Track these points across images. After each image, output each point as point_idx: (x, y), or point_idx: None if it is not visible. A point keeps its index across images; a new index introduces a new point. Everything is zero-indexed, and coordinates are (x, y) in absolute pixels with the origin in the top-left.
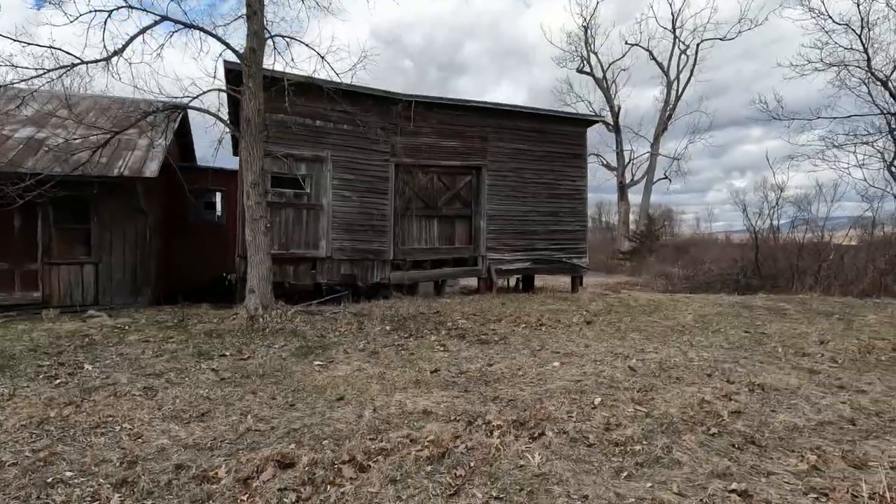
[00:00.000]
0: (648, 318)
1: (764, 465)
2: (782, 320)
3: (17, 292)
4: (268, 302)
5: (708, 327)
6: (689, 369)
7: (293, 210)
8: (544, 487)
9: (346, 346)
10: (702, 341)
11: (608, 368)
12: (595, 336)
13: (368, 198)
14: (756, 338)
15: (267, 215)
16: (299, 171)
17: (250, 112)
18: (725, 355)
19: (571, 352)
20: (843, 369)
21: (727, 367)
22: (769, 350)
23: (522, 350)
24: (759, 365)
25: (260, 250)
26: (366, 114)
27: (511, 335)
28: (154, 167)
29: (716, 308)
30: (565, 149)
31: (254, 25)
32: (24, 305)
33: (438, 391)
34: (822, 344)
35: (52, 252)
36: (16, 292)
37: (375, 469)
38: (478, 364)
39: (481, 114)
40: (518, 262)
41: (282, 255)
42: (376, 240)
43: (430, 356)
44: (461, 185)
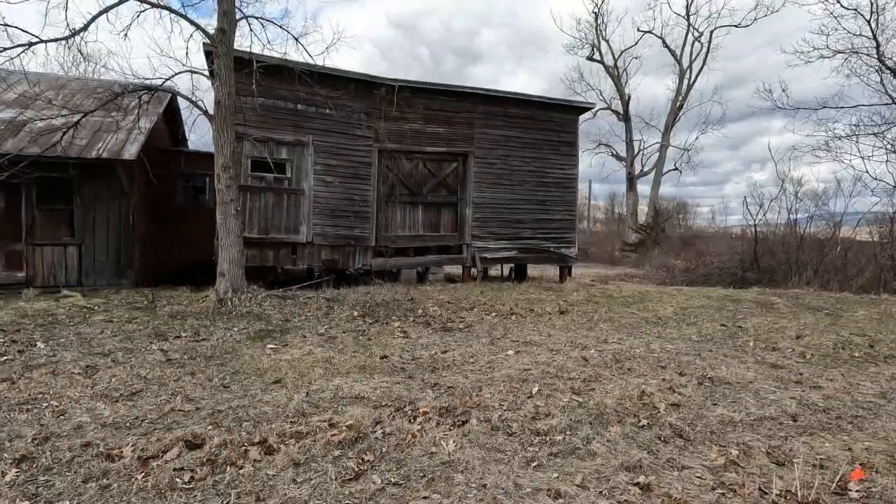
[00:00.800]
0: (626, 310)
1: (682, 458)
2: (766, 314)
3: (1, 272)
4: (238, 285)
5: (685, 320)
6: (646, 361)
7: (273, 195)
8: (447, 475)
9: (307, 330)
10: (672, 333)
11: (562, 358)
12: (563, 326)
13: (351, 183)
14: (731, 331)
15: (238, 199)
16: (280, 156)
17: (220, 95)
18: (690, 348)
19: (531, 341)
20: (809, 365)
21: (686, 360)
22: (739, 344)
23: (483, 338)
24: (721, 358)
25: (230, 234)
26: (349, 98)
27: (478, 323)
28: (133, 150)
29: (702, 301)
30: (555, 136)
31: (224, 5)
32: (9, 285)
33: (381, 377)
34: (797, 339)
35: (35, 233)
36: (0, 272)
37: (283, 452)
38: (433, 351)
39: (468, 100)
40: (504, 251)
41: (261, 240)
42: (358, 226)
43: (387, 342)
44: (447, 172)
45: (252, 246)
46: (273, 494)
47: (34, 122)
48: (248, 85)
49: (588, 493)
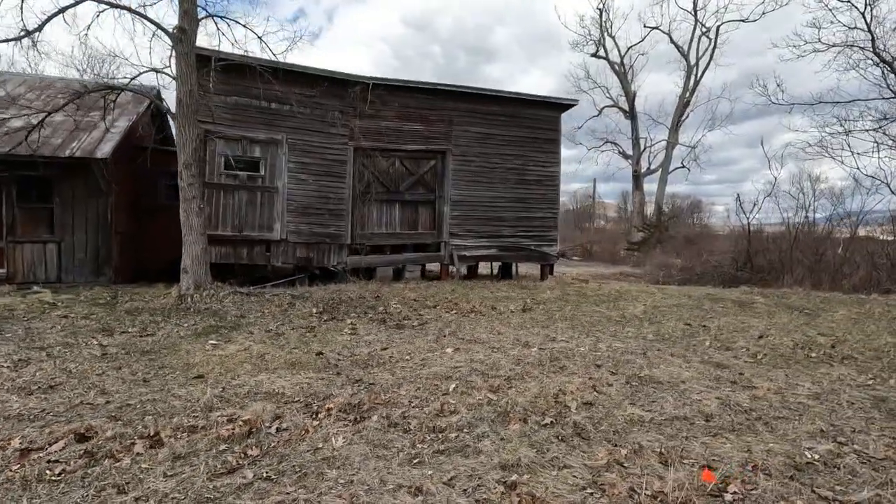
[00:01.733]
0: (594, 308)
1: (568, 458)
2: (740, 314)
3: None
4: (202, 282)
5: (650, 319)
6: (585, 360)
7: (247, 192)
8: (321, 471)
9: (258, 326)
10: (629, 332)
11: (500, 356)
12: (519, 324)
13: (325, 181)
14: (692, 331)
15: (200, 196)
16: (254, 154)
17: (181, 93)
18: (640, 346)
19: (478, 339)
20: (757, 365)
21: (627, 359)
22: (695, 343)
23: (430, 336)
24: (666, 357)
25: (193, 231)
26: (323, 96)
27: (434, 321)
28: (107, 149)
29: (679, 300)
30: (537, 133)
31: (185, 5)
32: None
33: (307, 373)
34: (759, 338)
35: (16, 230)
36: None
37: (168, 446)
38: (374, 348)
39: (447, 97)
40: (483, 249)
41: (234, 238)
42: (333, 223)
43: (332, 339)
44: (425, 170)
45: (226, 243)
46: (137, 487)
47: (9, 121)
48: (220, 83)
49: (451, 491)
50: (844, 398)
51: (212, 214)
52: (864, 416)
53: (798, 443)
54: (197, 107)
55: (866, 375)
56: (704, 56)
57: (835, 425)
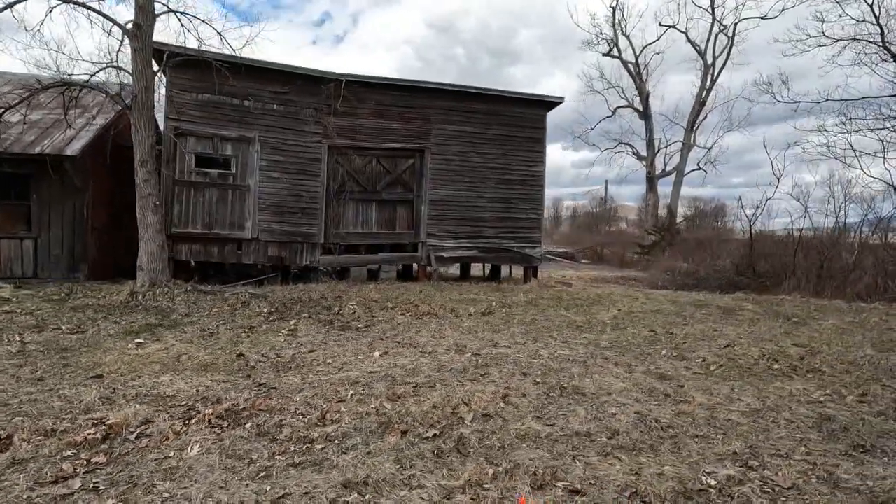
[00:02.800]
0: (562, 314)
1: (428, 476)
2: (721, 321)
3: None
4: (158, 279)
5: (617, 325)
6: (516, 367)
7: (218, 190)
8: (153, 482)
9: (197, 325)
10: (585, 339)
11: (427, 361)
12: (469, 328)
13: (298, 179)
14: (655, 338)
15: (157, 193)
16: (225, 152)
17: (137, 89)
18: (586, 354)
19: (415, 343)
20: (705, 377)
21: (562, 367)
22: (650, 352)
23: (368, 339)
24: (608, 367)
25: (149, 228)
26: (297, 94)
27: (382, 323)
28: (77, 146)
29: (661, 305)
30: (521, 132)
31: (139, 0)
32: None
33: (215, 375)
34: (725, 348)
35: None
36: None
37: (13, 450)
38: (301, 350)
39: (424, 94)
40: (462, 250)
41: (205, 235)
42: (306, 222)
43: (264, 340)
44: (403, 169)
45: (197, 241)
46: None
47: None
48: (192, 81)
49: None
50: (785, 416)
51: (182, 212)
52: (797, 438)
53: (700, 466)
54: (153, 104)
55: (825, 391)
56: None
57: (754, 447)
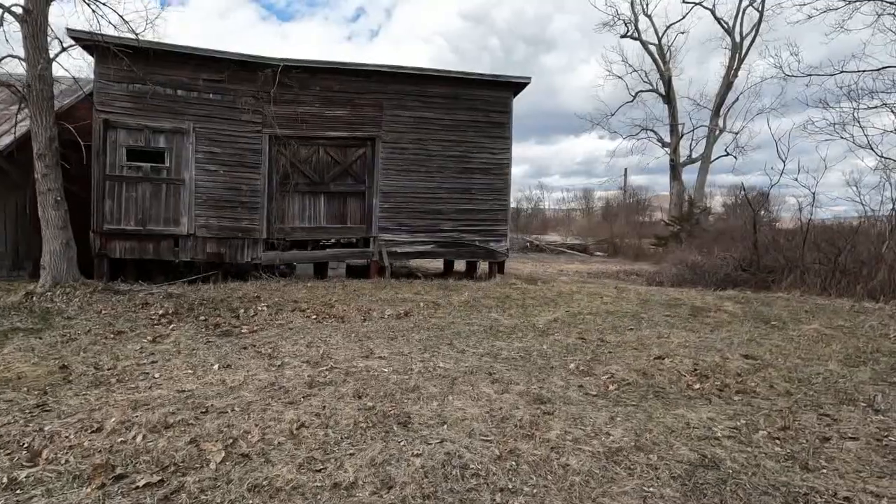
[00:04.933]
0: (492, 316)
1: None
2: (681, 324)
3: None
4: (62, 279)
5: (545, 331)
6: (362, 384)
7: (150, 185)
8: None
9: (68, 330)
10: (491, 348)
11: (265, 377)
12: (364, 334)
13: (238, 172)
14: (577, 347)
15: (58, 189)
16: (157, 144)
17: (31, 78)
18: (471, 368)
19: (278, 353)
20: (595, 399)
21: (419, 386)
22: (556, 365)
23: (232, 347)
24: (479, 386)
25: (50, 225)
26: (233, 82)
27: (274, 328)
28: (7, 141)
29: (626, 305)
30: (483, 117)
31: None
32: None
33: (4, 392)
34: (656, 359)
35: None
36: None
37: None
38: (141, 361)
39: (375, 78)
40: (418, 245)
41: (138, 232)
42: (246, 217)
43: (118, 348)
44: (353, 159)
45: (131, 238)
46: None
47: None
48: (121, 70)
49: None
50: (651, 460)
51: (114, 208)
52: (644, 494)
53: None
54: (51, 93)
55: (736, 422)
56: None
57: None
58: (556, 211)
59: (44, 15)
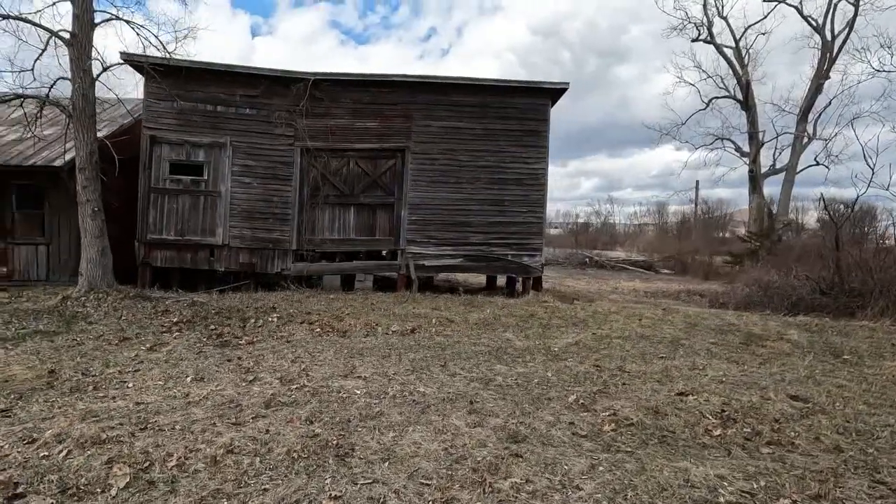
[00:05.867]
0: (506, 336)
1: None
2: (723, 356)
3: None
4: (97, 285)
5: (557, 356)
6: (325, 407)
7: (190, 197)
8: None
9: (84, 333)
10: (487, 373)
11: (230, 392)
12: (358, 351)
13: (270, 184)
14: (588, 376)
15: (96, 200)
16: (197, 158)
17: (75, 97)
18: (454, 394)
19: (261, 367)
20: (583, 442)
21: (384, 413)
22: (555, 396)
23: (223, 358)
24: (450, 418)
25: (88, 234)
26: (267, 97)
27: (274, 340)
28: (68, 157)
29: (661, 330)
30: (517, 125)
31: (76, 9)
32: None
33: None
34: (677, 395)
35: (15, 233)
36: None
37: None
38: (130, 368)
39: (405, 89)
40: (446, 258)
41: (177, 242)
42: (277, 228)
43: (115, 354)
44: (383, 171)
45: (170, 248)
46: None
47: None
48: (168, 89)
49: None
50: None
51: (157, 219)
52: None
53: None
54: (93, 111)
55: (753, 484)
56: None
57: None
58: (626, 226)
59: (88, 39)
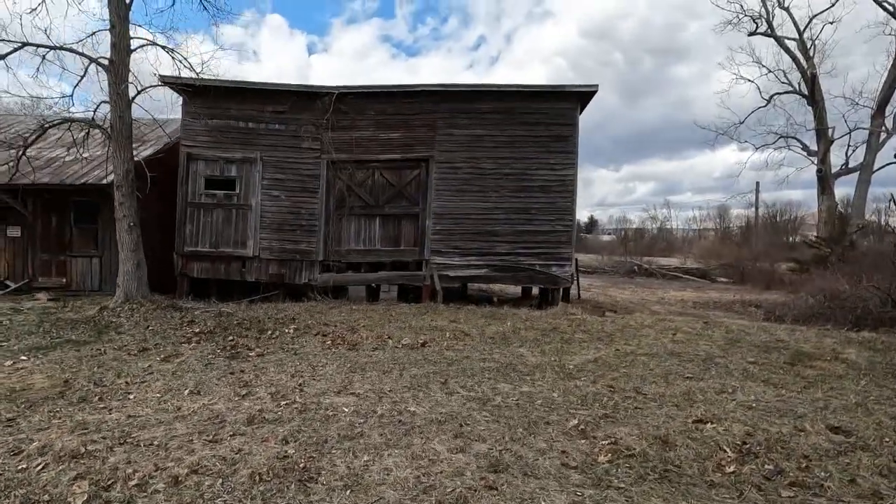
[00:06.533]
0: (519, 351)
1: None
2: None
3: (52, 277)
4: (133, 296)
5: (570, 374)
6: (307, 426)
7: (223, 211)
8: None
9: (111, 343)
10: (490, 391)
11: (219, 407)
12: (362, 365)
13: (299, 197)
14: (598, 398)
15: (133, 215)
16: (230, 174)
17: (113, 119)
18: (446, 415)
19: (259, 381)
20: (572, 474)
21: (364, 434)
22: (555, 420)
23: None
24: (433, 442)
25: (124, 248)
26: (294, 112)
27: (284, 352)
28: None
29: (698, 345)
30: (544, 131)
31: (113, 38)
32: (55, 288)
33: None
34: (693, 423)
35: (73, 246)
36: (52, 277)
37: None
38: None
39: (428, 98)
40: (472, 269)
41: (212, 254)
42: (304, 240)
43: (130, 364)
44: (408, 181)
45: (205, 260)
46: None
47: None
48: (202, 108)
49: None
50: None
51: (193, 232)
52: None
53: None
54: (130, 132)
55: None
56: None
57: None
58: (685, 231)
59: (124, 64)
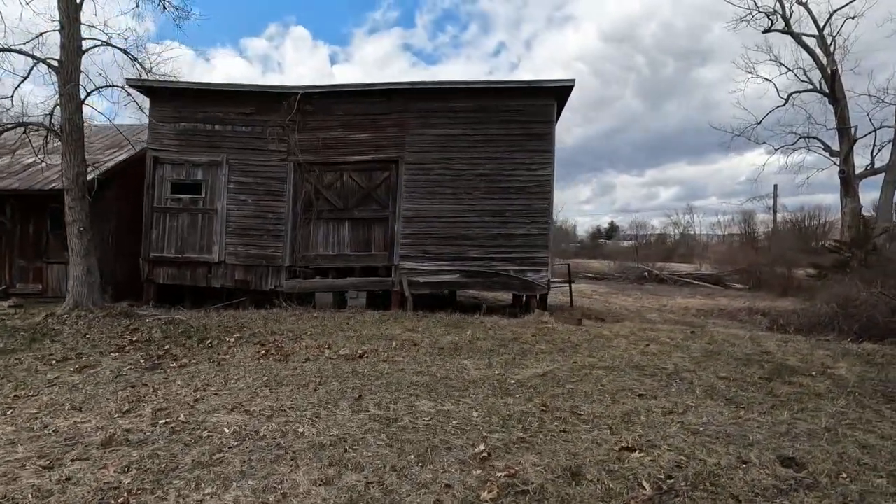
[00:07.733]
0: (462, 363)
1: None
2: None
3: (30, 284)
4: (83, 302)
5: (507, 391)
6: (165, 446)
7: (188, 215)
8: None
9: (33, 352)
10: (409, 408)
11: (91, 423)
12: (283, 378)
13: (264, 200)
14: (524, 416)
15: (83, 220)
16: (196, 177)
17: (63, 121)
18: (353, 434)
19: (154, 396)
20: None
21: (225, 460)
22: (459, 444)
23: (123, 383)
24: (301, 467)
25: (74, 253)
26: (260, 113)
27: (208, 363)
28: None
29: (669, 357)
30: (519, 129)
31: (63, 38)
32: (31, 295)
33: None
34: (623, 451)
35: (49, 253)
36: (29, 284)
37: None
38: (27, 393)
39: (398, 97)
40: (443, 274)
41: (177, 260)
42: (271, 245)
43: (41, 374)
44: (377, 183)
45: (171, 265)
46: None
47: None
48: (168, 111)
49: None
50: None
51: (158, 237)
52: None
53: None
54: (81, 134)
55: None
56: None
57: None
58: (709, 236)
59: (75, 66)
